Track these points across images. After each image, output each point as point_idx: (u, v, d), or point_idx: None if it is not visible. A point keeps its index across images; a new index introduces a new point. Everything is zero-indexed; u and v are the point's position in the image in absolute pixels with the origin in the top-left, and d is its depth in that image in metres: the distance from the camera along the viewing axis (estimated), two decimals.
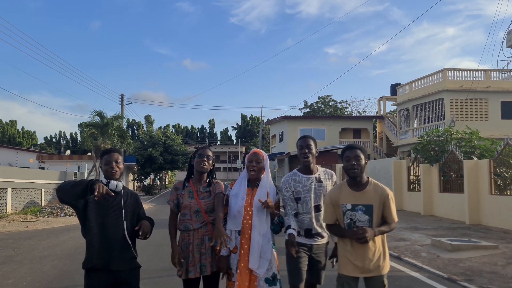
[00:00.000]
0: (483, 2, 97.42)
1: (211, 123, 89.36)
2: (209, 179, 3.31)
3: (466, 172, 11.72)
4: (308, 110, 48.69)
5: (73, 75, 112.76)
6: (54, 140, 78.48)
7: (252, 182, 3.26)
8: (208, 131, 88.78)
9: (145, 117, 78.44)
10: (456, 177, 12.88)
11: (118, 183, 2.96)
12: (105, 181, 2.96)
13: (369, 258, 2.86)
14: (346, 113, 47.80)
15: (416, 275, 6.13)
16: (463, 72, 22.86)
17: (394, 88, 30.47)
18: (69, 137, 78.47)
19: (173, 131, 67.94)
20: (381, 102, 34.22)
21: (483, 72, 22.84)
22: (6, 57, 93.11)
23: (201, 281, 3.22)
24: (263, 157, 3.24)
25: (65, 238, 10.50)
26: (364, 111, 48.96)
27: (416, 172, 15.54)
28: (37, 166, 30.68)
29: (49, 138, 79.14)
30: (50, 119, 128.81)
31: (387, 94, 34.27)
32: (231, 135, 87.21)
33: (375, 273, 2.87)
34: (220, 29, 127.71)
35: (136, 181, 38.34)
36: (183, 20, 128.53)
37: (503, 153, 10.89)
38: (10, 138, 65.64)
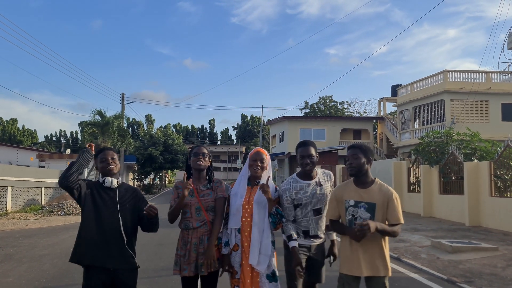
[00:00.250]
0: (485, 4, 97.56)
1: (212, 123, 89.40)
2: (208, 176, 3.31)
3: (466, 173, 11.73)
4: (308, 110, 48.71)
5: (74, 74, 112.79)
6: (54, 138, 78.51)
7: (252, 180, 3.27)
8: (208, 131, 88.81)
9: (146, 116, 78.55)
10: (456, 178, 12.87)
11: (112, 179, 2.97)
12: (102, 179, 2.98)
13: (369, 257, 2.86)
14: (346, 113, 47.82)
15: (415, 276, 6.13)
16: (463, 73, 22.89)
17: (394, 89, 30.52)
18: (69, 135, 78.52)
19: (174, 130, 68.03)
20: (382, 103, 34.25)
21: (484, 74, 22.86)
22: (7, 55, 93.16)
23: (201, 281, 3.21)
24: (266, 156, 3.26)
25: (65, 236, 10.50)
26: (364, 112, 49.09)
27: (416, 173, 15.53)
28: (37, 164, 30.69)
29: (50, 136, 79.19)
30: (50, 118, 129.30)
31: (388, 95, 34.32)
32: (231, 135, 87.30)
33: (375, 274, 2.86)
34: (221, 29, 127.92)
35: (136, 180, 38.41)
36: (184, 19, 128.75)
37: (503, 155, 10.89)
38: (10, 136, 65.64)
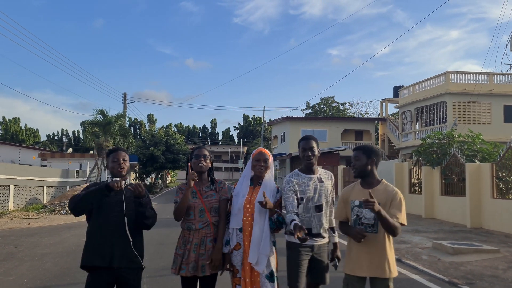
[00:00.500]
0: (487, 5, 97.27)
1: (213, 123, 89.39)
2: (210, 177, 3.33)
3: (468, 175, 11.71)
4: (310, 111, 48.65)
5: (76, 73, 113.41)
6: (56, 138, 78.64)
7: (254, 180, 3.30)
8: (210, 131, 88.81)
9: (148, 116, 78.70)
10: (458, 180, 12.84)
11: (121, 180, 2.99)
12: (110, 178, 3.02)
13: (373, 258, 2.86)
14: (348, 114, 47.77)
15: (416, 278, 6.12)
16: (466, 75, 22.84)
17: (396, 90, 30.45)
18: (71, 135, 78.57)
19: (175, 130, 67.98)
20: (384, 104, 34.18)
21: (486, 75, 22.80)
22: (9, 54, 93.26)
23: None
24: (269, 156, 3.29)
25: (67, 235, 10.54)
26: (366, 113, 49.06)
27: (417, 174, 15.52)
28: (39, 163, 30.80)
29: (52, 135, 79.34)
30: (52, 117, 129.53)
31: (390, 96, 34.24)
32: (232, 135, 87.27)
33: (379, 275, 2.86)
34: (223, 29, 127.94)
35: (137, 179, 38.46)
36: (187, 19, 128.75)
37: (505, 157, 10.87)
38: (13, 135, 65.78)
